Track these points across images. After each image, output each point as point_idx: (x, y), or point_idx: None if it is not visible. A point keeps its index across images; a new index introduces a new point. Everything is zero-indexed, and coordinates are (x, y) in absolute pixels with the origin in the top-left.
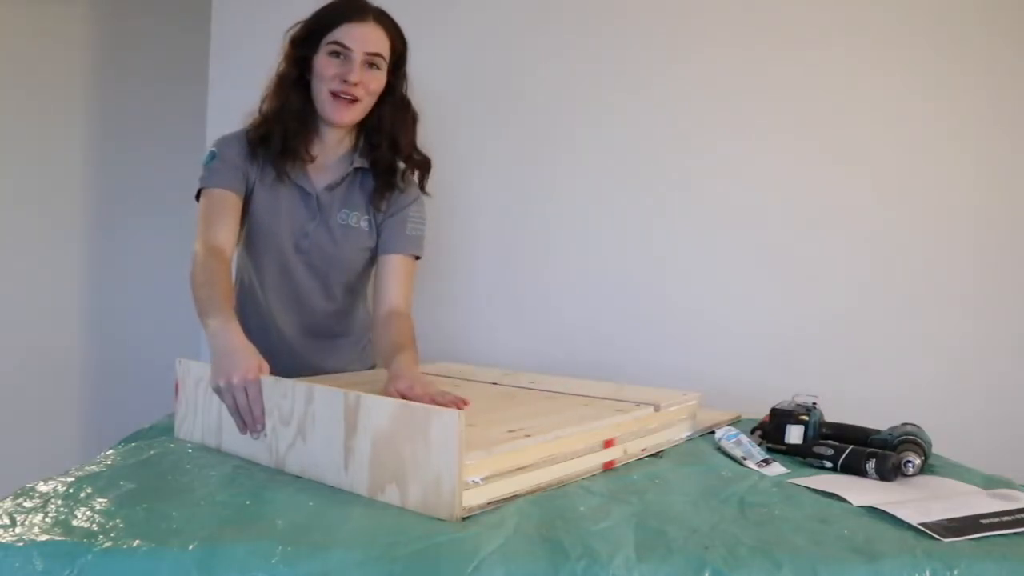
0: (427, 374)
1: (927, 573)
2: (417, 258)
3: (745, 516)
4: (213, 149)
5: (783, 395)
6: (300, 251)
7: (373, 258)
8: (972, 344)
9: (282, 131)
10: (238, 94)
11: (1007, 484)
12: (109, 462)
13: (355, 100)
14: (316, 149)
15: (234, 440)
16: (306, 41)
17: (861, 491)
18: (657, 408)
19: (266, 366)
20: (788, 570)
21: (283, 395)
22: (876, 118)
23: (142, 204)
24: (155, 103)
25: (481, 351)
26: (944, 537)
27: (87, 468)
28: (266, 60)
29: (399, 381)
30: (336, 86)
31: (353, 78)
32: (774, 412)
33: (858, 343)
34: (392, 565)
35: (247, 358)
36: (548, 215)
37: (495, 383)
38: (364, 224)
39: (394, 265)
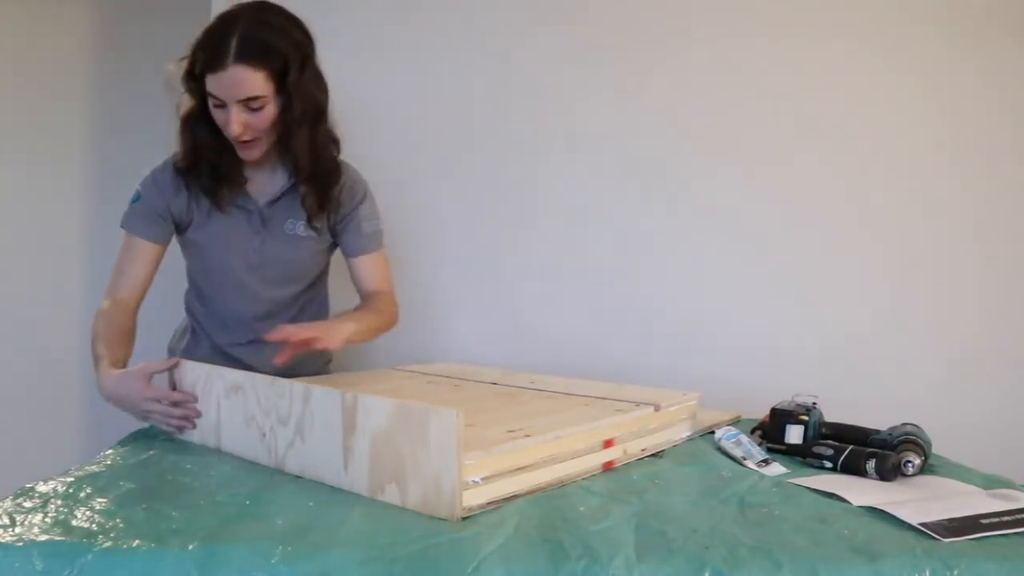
0: (427, 374)
1: (927, 573)
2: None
3: (745, 516)
4: (139, 189)
5: (783, 395)
6: (252, 268)
7: (326, 261)
8: (972, 344)
9: (206, 166)
10: None
11: (1007, 484)
12: (109, 462)
13: (248, 142)
14: (248, 170)
15: (234, 440)
16: (196, 79)
17: (861, 491)
18: (657, 408)
19: (153, 364)
20: (788, 570)
21: (280, 395)
22: (879, 119)
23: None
24: (155, 104)
25: (480, 354)
26: (944, 537)
27: (87, 468)
28: None
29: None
30: (228, 134)
31: (234, 132)
32: (774, 412)
33: (858, 343)
34: (392, 565)
35: (129, 386)
36: (545, 216)
37: (495, 383)
38: (312, 231)
39: (363, 264)
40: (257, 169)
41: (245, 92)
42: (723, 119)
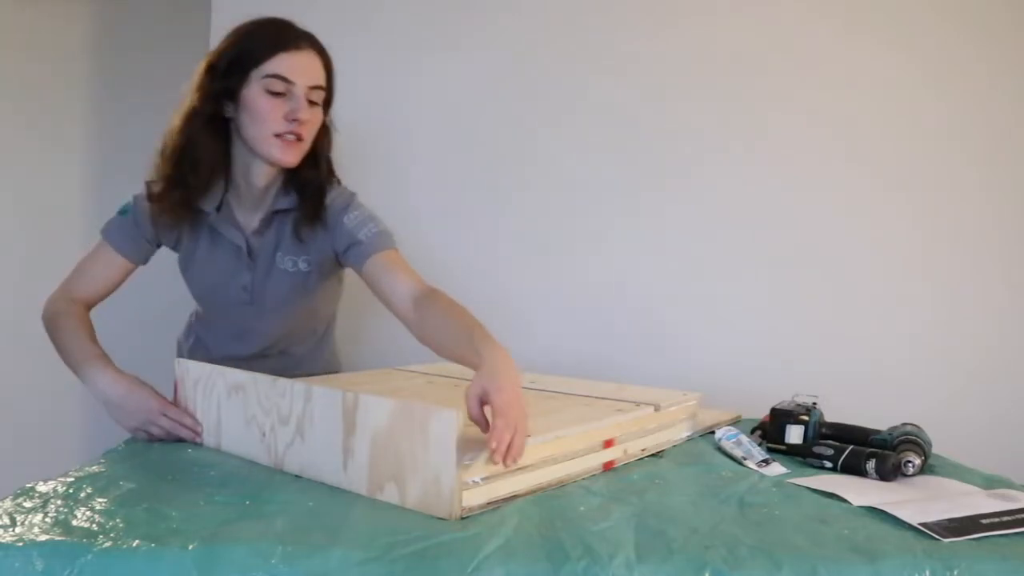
0: (427, 374)
1: (927, 573)
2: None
3: (745, 516)
4: (130, 202)
5: (783, 395)
6: (245, 303)
7: (332, 287)
8: (973, 344)
9: (195, 183)
10: None
11: (1007, 484)
12: (109, 462)
13: (300, 139)
14: (243, 192)
15: (234, 440)
16: (229, 72)
17: (861, 491)
18: (657, 408)
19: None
20: (788, 570)
21: (281, 395)
22: (888, 116)
23: None
24: (155, 105)
25: None
26: (944, 537)
27: (87, 468)
28: None
29: (491, 391)
30: (282, 127)
31: (303, 115)
32: (774, 412)
33: (859, 343)
34: (392, 565)
35: (140, 400)
36: (545, 216)
37: None
38: (304, 266)
39: (375, 267)
40: (251, 191)
41: (317, 78)
42: (724, 118)
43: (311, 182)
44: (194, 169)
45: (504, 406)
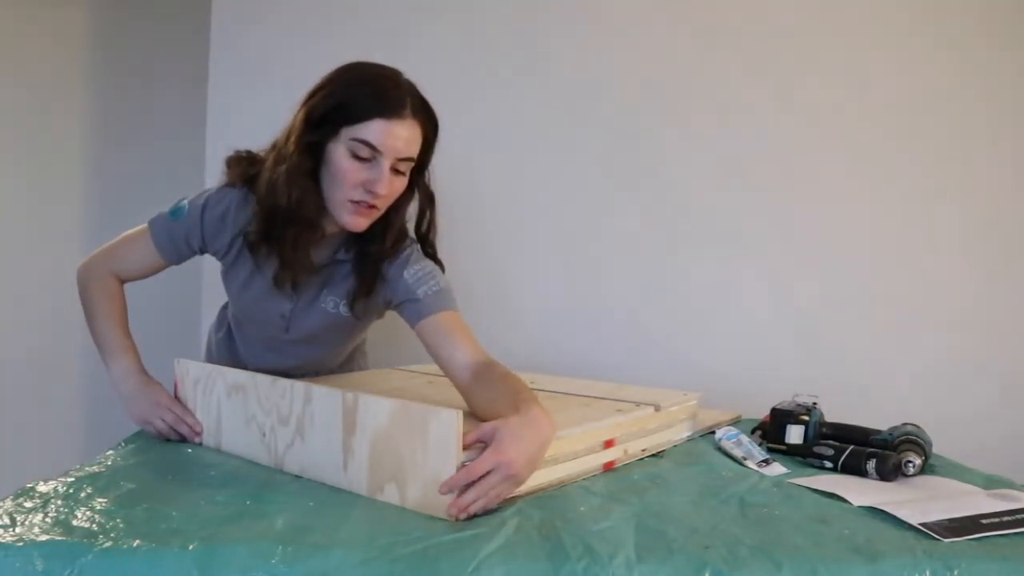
0: (427, 374)
1: (927, 573)
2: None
3: (745, 516)
4: (185, 205)
5: (783, 395)
6: (280, 330)
7: (368, 325)
8: (974, 343)
9: (292, 237)
10: (238, 96)
11: (1007, 484)
12: (109, 462)
13: (374, 208)
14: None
15: (234, 440)
16: (322, 123)
17: (861, 491)
18: (657, 408)
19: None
20: (788, 570)
21: (281, 395)
22: (888, 115)
23: (141, 206)
24: (155, 105)
25: None
26: (944, 537)
27: (87, 468)
28: (266, 62)
29: (504, 435)
30: (358, 195)
31: (382, 190)
32: (774, 412)
33: (859, 343)
34: (392, 565)
35: (151, 394)
36: (544, 216)
37: None
38: (344, 310)
39: (432, 330)
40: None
41: (408, 150)
42: (723, 118)
43: (371, 256)
44: (294, 223)
45: (504, 444)
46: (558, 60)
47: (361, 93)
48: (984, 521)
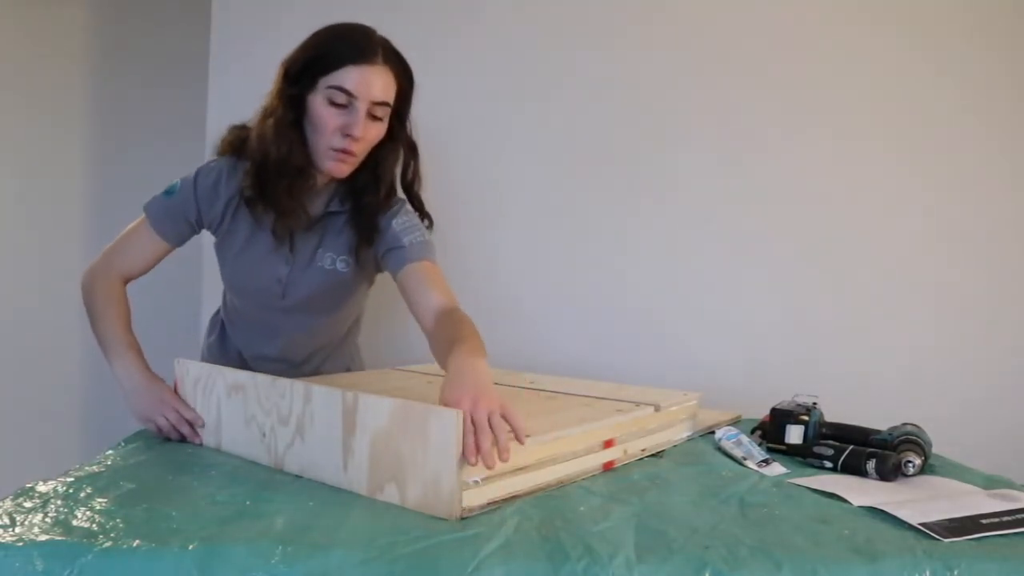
0: (427, 374)
1: (927, 573)
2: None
3: (745, 516)
4: (177, 182)
5: (783, 395)
6: (278, 297)
7: (362, 290)
8: (974, 343)
9: (286, 187)
10: (238, 95)
11: (1007, 484)
12: (109, 462)
13: (353, 154)
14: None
15: (234, 440)
16: (300, 77)
17: (861, 491)
18: (657, 408)
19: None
20: (788, 570)
21: (281, 395)
22: (890, 114)
23: (141, 206)
24: (155, 104)
25: None
26: (944, 537)
27: (87, 468)
28: (266, 60)
29: (453, 389)
30: (337, 142)
31: (357, 132)
32: (774, 412)
33: (859, 343)
34: (392, 565)
35: (154, 392)
36: (544, 216)
37: (495, 383)
38: (342, 265)
39: (411, 275)
40: (307, 195)
41: (383, 95)
42: (723, 118)
43: (367, 208)
44: (284, 173)
45: (472, 395)
46: (564, 62)
47: (335, 44)
48: (984, 521)
